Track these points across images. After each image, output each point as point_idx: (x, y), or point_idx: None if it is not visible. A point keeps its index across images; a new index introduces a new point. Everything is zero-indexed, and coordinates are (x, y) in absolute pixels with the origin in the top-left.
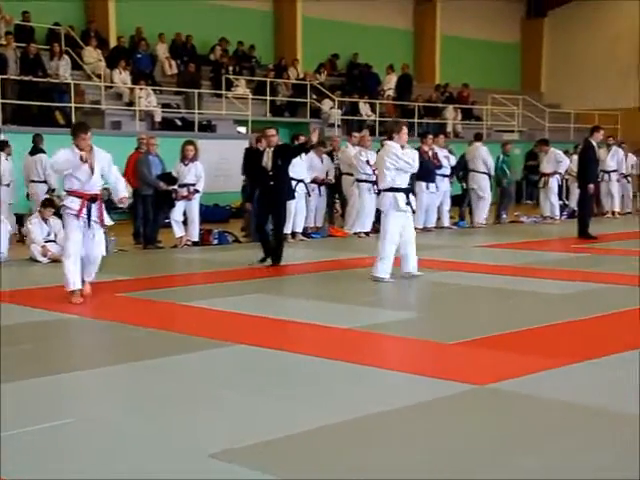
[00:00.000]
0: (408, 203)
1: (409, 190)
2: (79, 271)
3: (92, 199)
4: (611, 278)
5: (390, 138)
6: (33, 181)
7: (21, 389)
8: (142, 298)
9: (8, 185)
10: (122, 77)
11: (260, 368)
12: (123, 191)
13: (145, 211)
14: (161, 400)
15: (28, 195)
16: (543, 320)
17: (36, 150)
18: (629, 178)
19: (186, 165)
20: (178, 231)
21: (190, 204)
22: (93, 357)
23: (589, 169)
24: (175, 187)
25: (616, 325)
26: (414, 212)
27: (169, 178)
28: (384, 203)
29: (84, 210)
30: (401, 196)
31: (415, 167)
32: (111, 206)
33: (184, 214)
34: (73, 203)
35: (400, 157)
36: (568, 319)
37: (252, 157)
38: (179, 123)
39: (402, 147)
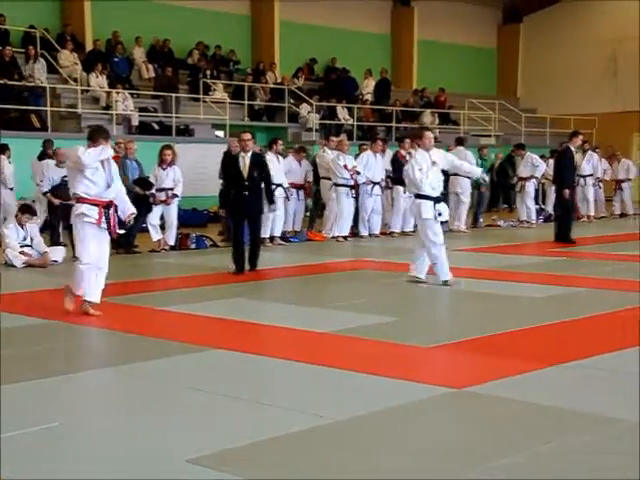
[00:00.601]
0: (440, 213)
1: (438, 199)
2: (100, 284)
3: (107, 206)
4: (587, 282)
5: (418, 145)
6: (39, 185)
7: (2, 394)
8: (120, 303)
9: (12, 189)
10: (98, 81)
11: (238, 373)
12: (130, 208)
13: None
14: (139, 405)
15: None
16: (521, 323)
17: (44, 155)
18: (600, 184)
19: (164, 169)
20: (155, 235)
21: (168, 208)
22: (71, 362)
23: (565, 174)
24: (153, 192)
25: (592, 328)
26: (444, 222)
27: (145, 183)
28: (411, 209)
29: (103, 218)
30: (425, 204)
31: (421, 188)
32: None
33: (161, 218)
34: (92, 211)
35: (413, 171)
36: (546, 322)
37: (229, 162)
38: (156, 127)
39: (433, 162)
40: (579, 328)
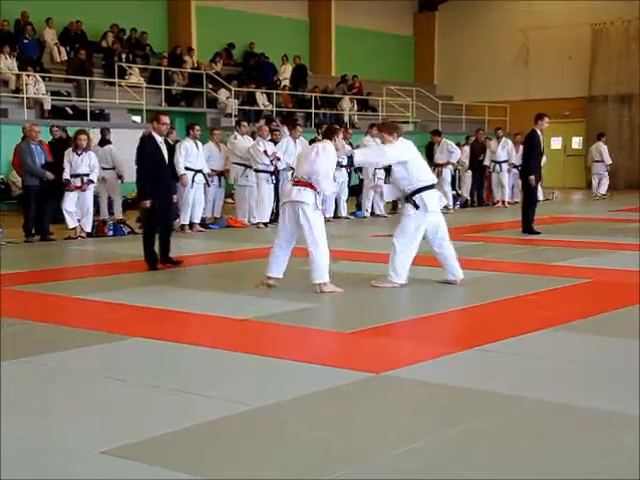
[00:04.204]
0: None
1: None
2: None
3: None
4: (501, 266)
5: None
6: (105, 169)
7: None
8: (33, 291)
9: None
10: (8, 63)
11: (159, 362)
12: None
13: (29, 202)
14: (52, 397)
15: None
16: (439, 307)
17: (104, 142)
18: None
19: (79, 155)
20: (71, 222)
21: (83, 195)
22: None
23: (532, 160)
24: (67, 177)
25: (504, 312)
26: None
27: (56, 167)
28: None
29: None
30: None
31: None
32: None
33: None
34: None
35: None
36: (462, 306)
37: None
38: (70, 112)
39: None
40: (492, 312)
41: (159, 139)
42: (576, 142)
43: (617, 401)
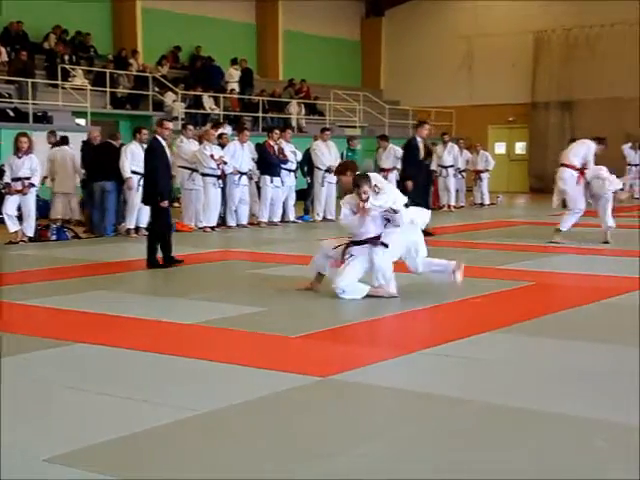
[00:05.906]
0: None
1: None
2: None
3: None
4: None
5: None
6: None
7: None
8: None
9: None
10: None
11: (104, 368)
12: None
13: None
14: None
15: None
16: (383, 312)
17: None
18: (463, 174)
19: (20, 158)
20: (12, 226)
21: (25, 198)
22: None
23: (411, 166)
24: (8, 181)
25: (449, 315)
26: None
27: None
28: None
29: None
30: None
31: None
32: None
33: (19, 209)
34: None
35: None
36: (406, 310)
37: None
38: (12, 114)
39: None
40: (438, 315)
41: (163, 143)
42: (519, 147)
43: (563, 402)
